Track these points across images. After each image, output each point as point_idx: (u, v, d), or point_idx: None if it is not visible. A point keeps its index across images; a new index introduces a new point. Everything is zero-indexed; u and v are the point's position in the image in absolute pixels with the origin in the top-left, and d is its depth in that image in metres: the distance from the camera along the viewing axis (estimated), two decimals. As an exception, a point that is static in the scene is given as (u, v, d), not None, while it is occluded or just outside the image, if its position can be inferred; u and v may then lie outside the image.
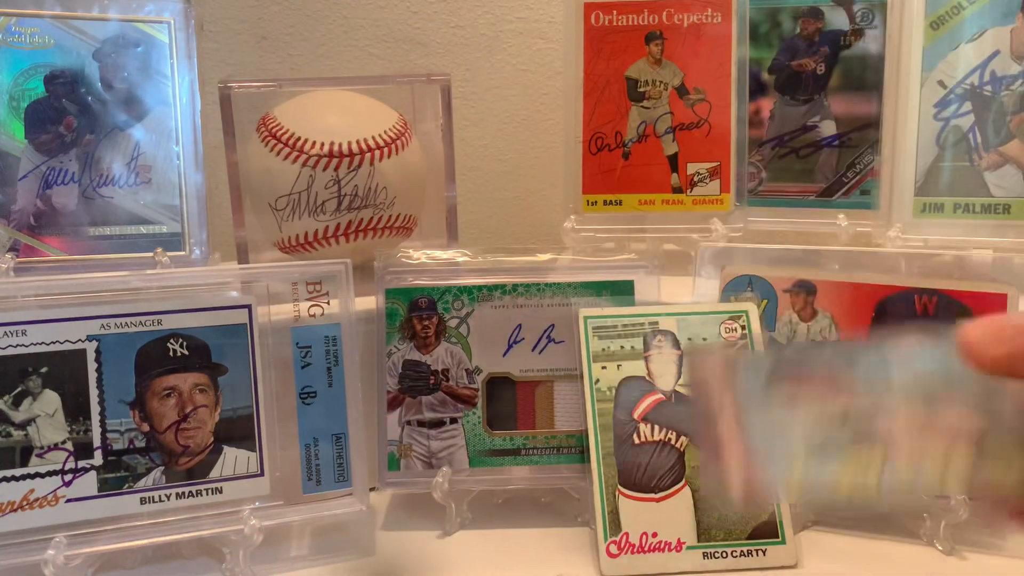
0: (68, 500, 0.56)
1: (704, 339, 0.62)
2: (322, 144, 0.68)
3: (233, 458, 0.59)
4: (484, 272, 0.66)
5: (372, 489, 0.63)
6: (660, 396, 0.61)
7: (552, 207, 0.99)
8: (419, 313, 0.64)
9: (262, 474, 0.59)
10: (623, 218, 0.80)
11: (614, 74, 0.79)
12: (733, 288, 0.65)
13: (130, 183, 0.69)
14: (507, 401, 0.65)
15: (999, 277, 0.61)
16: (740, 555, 0.57)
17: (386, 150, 0.70)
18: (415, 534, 0.63)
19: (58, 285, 0.57)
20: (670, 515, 0.58)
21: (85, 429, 0.56)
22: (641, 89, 0.79)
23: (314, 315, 0.60)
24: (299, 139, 0.68)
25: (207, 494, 0.58)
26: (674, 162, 0.79)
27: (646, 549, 0.57)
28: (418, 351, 0.64)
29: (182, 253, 0.69)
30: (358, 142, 0.69)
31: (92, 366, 0.56)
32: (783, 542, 0.58)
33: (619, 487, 0.59)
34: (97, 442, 0.56)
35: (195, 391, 0.58)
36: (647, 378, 0.61)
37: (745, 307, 0.63)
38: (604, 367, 0.62)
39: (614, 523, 0.58)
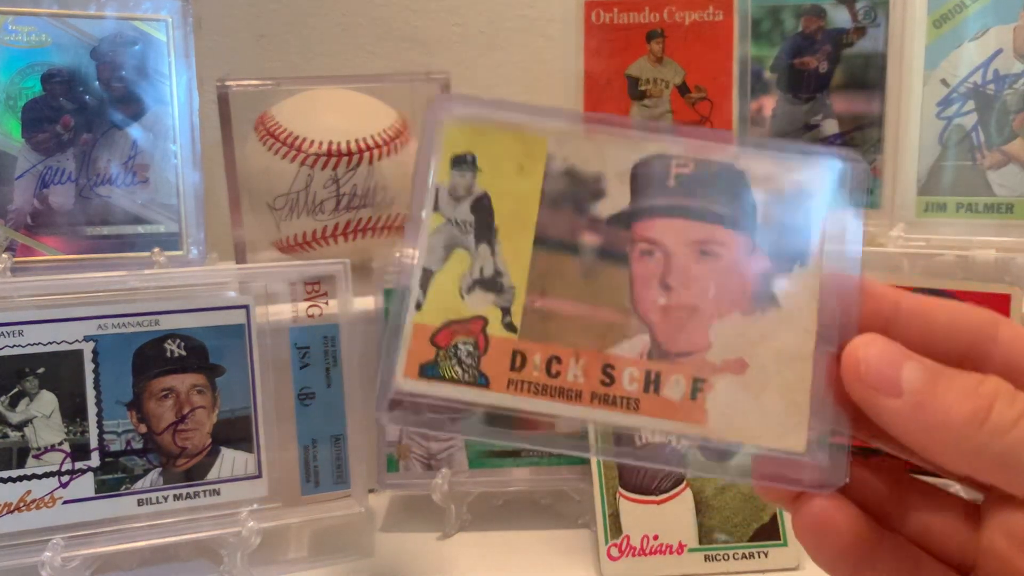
0: (65, 502, 0.55)
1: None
2: (320, 143, 0.68)
3: (231, 459, 0.58)
4: (484, 272, 0.65)
5: (371, 491, 0.62)
6: (661, 397, 0.61)
7: (552, 206, 0.99)
8: (418, 313, 0.64)
9: (260, 475, 0.59)
10: (624, 217, 0.80)
11: (615, 72, 0.79)
12: (734, 288, 0.64)
13: (127, 182, 0.68)
14: (507, 402, 0.64)
15: (1002, 277, 0.60)
16: (742, 557, 0.57)
17: (385, 149, 0.69)
18: (414, 536, 0.63)
19: (55, 285, 0.57)
20: (671, 517, 0.58)
21: (82, 430, 0.56)
22: (642, 87, 0.78)
23: (312, 315, 0.60)
24: (297, 138, 0.68)
25: (205, 496, 0.58)
26: (675, 161, 0.78)
27: (647, 551, 0.57)
28: (417, 351, 0.64)
29: (179, 253, 0.69)
30: (357, 141, 0.68)
31: (89, 367, 0.56)
32: (785, 544, 0.57)
33: (620, 489, 0.58)
34: (94, 443, 0.56)
35: (193, 392, 0.58)
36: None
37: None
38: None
39: (615, 525, 0.58)
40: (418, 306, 0.31)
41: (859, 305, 0.30)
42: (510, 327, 0.31)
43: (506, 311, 0.31)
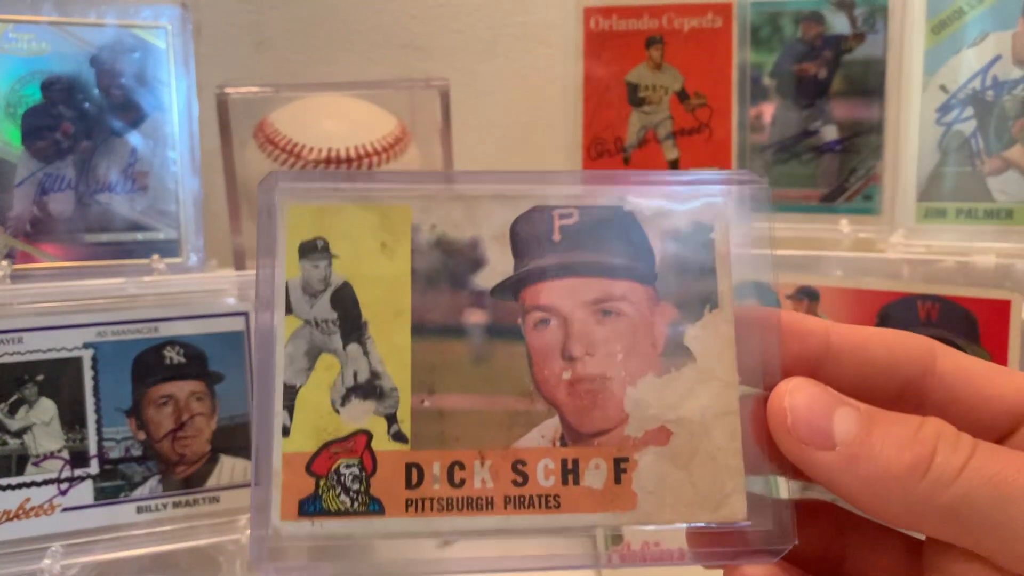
0: (64, 509, 0.55)
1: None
2: (320, 150, 0.68)
3: (230, 466, 0.58)
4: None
5: (370, 497, 0.62)
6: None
7: (552, 212, 0.99)
8: (418, 320, 0.64)
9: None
10: (623, 223, 0.79)
11: (614, 79, 0.79)
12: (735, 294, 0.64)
13: (126, 189, 0.68)
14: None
15: (1002, 283, 0.60)
16: (742, 564, 0.57)
17: (384, 156, 0.69)
18: (414, 542, 0.63)
19: (54, 292, 0.57)
20: (671, 524, 0.58)
21: (81, 437, 0.56)
22: (641, 94, 0.78)
23: (312, 322, 0.60)
24: (296, 144, 0.68)
25: (204, 503, 0.58)
26: (675, 167, 0.78)
27: (648, 559, 0.57)
28: (417, 358, 0.64)
29: (179, 260, 0.69)
30: (356, 148, 0.68)
31: (88, 374, 0.56)
32: (785, 551, 0.57)
33: (620, 495, 0.58)
34: (93, 450, 0.56)
35: (192, 399, 0.58)
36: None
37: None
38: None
39: (616, 532, 0.57)
40: (285, 432, 0.27)
41: (780, 340, 0.27)
42: (399, 437, 0.27)
43: (392, 419, 0.27)
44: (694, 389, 0.28)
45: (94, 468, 0.56)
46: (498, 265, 0.28)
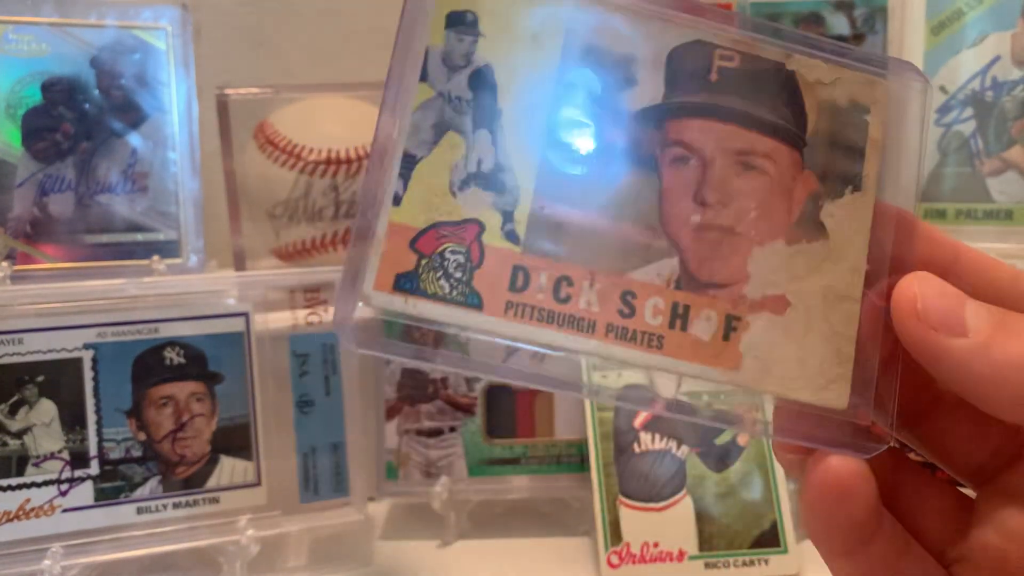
0: (64, 510, 0.55)
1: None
2: (320, 151, 0.68)
3: (230, 467, 0.58)
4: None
5: (370, 499, 0.62)
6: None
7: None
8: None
9: (259, 483, 0.59)
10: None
11: (614, 80, 0.79)
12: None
13: (126, 190, 0.68)
14: (506, 410, 0.64)
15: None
16: (742, 564, 0.57)
17: (385, 157, 0.69)
18: (414, 544, 0.63)
19: (54, 293, 0.57)
20: (671, 525, 0.58)
21: (81, 438, 0.56)
22: (641, 95, 0.78)
23: (312, 323, 0.60)
24: (296, 146, 0.68)
25: (204, 504, 0.58)
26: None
27: (647, 559, 0.57)
28: (417, 359, 0.64)
29: (179, 260, 0.69)
30: (356, 148, 0.68)
31: (88, 375, 0.56)
32: (785, 551, 0.57)
33: (620, 497, 0.58)
34: (93, 451, 0.56)
35: (192, 400, 0.58)
36: (648, 386, 0.61)
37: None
38: (604, 375, 0.61)
39: (615, 533, 0.58)
40: (396, 200, 0.25)
41: (913, 244, 0.26)
42: (512, 236, 0.25)
43: (508, 216, 0.26)
44: (821, 267, 0.26)
45: (94, 469, 0.56)
46: (648, 89, 0.26)
